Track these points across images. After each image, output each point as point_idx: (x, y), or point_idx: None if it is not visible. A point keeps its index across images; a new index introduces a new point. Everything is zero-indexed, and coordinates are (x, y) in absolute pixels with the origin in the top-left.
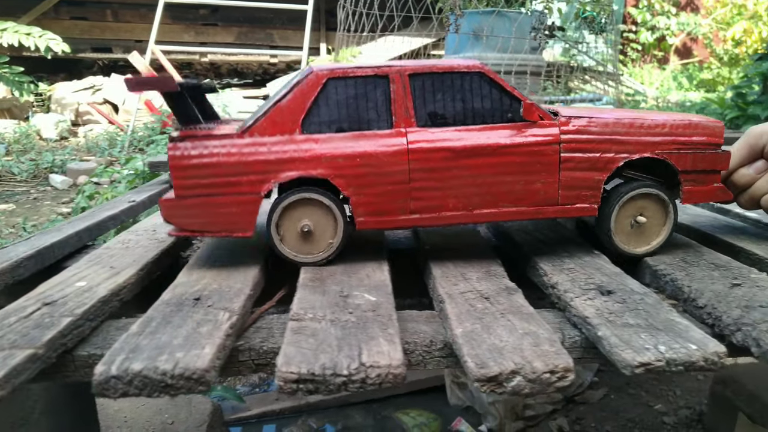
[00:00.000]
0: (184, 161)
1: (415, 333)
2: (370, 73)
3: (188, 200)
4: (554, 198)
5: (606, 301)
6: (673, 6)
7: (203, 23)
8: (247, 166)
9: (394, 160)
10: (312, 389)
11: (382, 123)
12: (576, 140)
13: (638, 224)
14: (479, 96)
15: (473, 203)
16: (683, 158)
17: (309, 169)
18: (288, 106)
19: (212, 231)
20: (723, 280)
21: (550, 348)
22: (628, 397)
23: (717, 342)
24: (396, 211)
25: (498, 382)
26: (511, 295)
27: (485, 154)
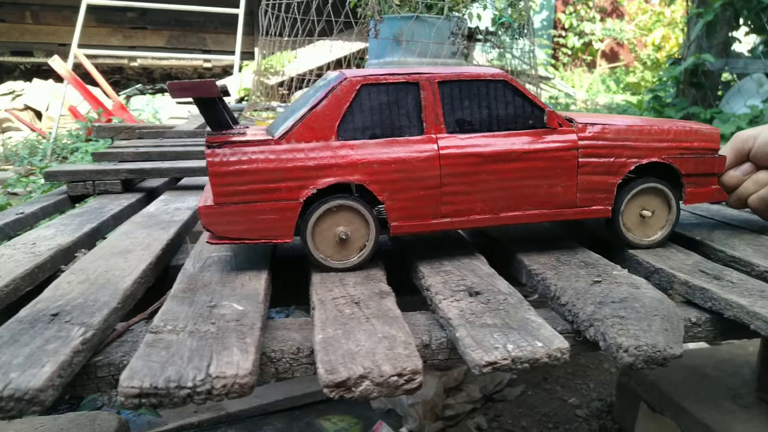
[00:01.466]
0: (223, 168)
1: (284, 341)
2: (402, 80)
3: (228, 207)
4: (573, 200)
5: (471, 302)
6: (599, 12)
7: (131, 26)
8: (286, 173)
9: (427, 165)
10: (155, 403)
11: (413, 129)
12: (592, 146)
13: (644, 217)
14: (503, 103)
15: (499, 206)
16: (686, 162)
17: (346, 175)
18: (323, 113)
19: (252, 238)
20: (587, 277)
21: (403, 351)
22: (544, 393)
23: (562, 339)
24: (428, 215)
25: (347, 387)
26: (382, 299)
27: (511, 160)
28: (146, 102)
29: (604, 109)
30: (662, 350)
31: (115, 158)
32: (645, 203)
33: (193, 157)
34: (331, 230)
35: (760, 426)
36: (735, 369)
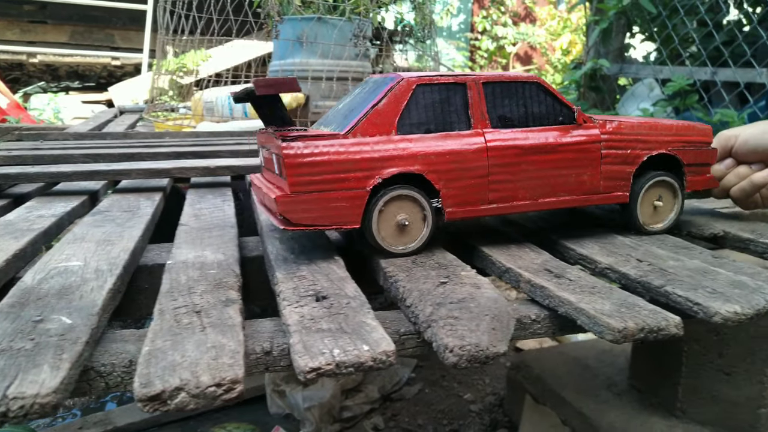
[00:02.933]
0: (298, 159)
1: (116, 354)
2: (452, 81)
3: (303, 196)
4: (598, 188)
5: (314, 307)
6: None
7: (30, 20)
8: (354, 164)
9: (477, 156)
10: None
11: (462, 125)
12: (612, 139)
13: (655, 207)
14: (537, 102)
15: (538, 193)
16: (687, 154)
17: (407, 165)
18: (384, 110)
19: (324, 224)
20: (435, 279)
21: (227, 361)
22: (442, 390)
23: (389, 341)
24: (477, 201)
25: (161, 400)
26: (226, 307)
27: (546, 151)
28: (48, 101)
29: None
30: (485, 349)
31: None
32: (656, 193)
33: (72, 161)
34: (393, 218)
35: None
36: (613, 359)
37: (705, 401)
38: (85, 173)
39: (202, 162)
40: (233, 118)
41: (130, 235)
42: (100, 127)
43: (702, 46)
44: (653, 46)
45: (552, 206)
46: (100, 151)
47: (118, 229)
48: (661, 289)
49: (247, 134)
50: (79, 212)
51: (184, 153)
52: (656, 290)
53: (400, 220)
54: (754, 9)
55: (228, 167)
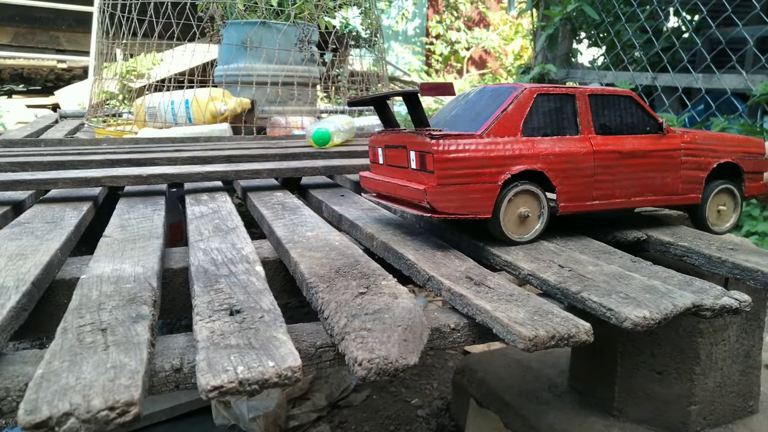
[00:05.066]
0: (445, 155)
1: (11, 377)
2: (564, 92)
3: (447, 187)
4: (677, 189)
5: (226, 322)
6: (467, 22)
7: None
8: (489, 161)
9: (586, 158)
10: None
11: (572, 130)
12: (690, 148)
13: (719, 212)
14: (630, 113)
15: (630, 192)
16: (747, 162)
17: (531, 163)
18: (512, 115)
19: (464, 213)
20: (355, 289)
21: (125, 382)
22: (389, 396)
23: (296, 356)
24: (584, 198)
25: (49, 426)
26: (135, 323)
27: (638, 156)
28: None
29: None
30: (393, 361)
31: None
32: (721, 199)
33: None
34: (516, 210)
35: (570, 412)
36: (554, 360)
37: (640, 400)
38: (6, 183)
39: (135, 170)
40: (176, 123)
41: (47, 248)
42: (39, 133)
43: (643, 52)
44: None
45: (642, 204)
46: (30, 159)
47: (36, 241)
48: (578, 295)
49: (189, 140)
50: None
51: (119, 160)
52: (573, 296)
53: (523, 212)
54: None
55: (162, 175)
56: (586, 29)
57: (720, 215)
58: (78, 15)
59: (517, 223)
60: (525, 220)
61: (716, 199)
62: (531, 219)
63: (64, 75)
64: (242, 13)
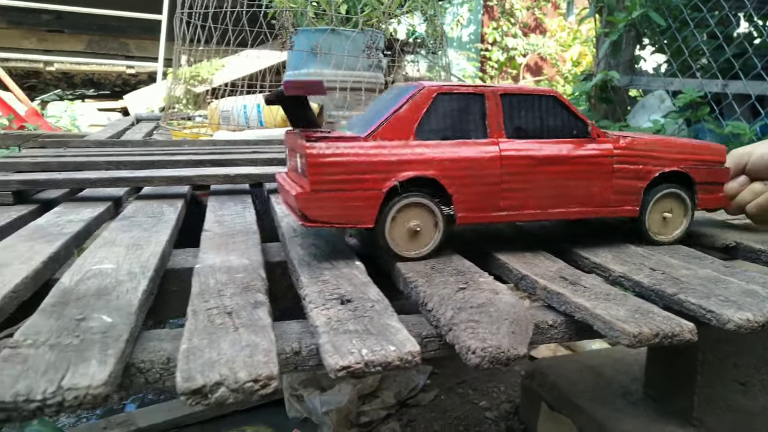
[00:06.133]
0: (320, 159)
1: (155, 351)
2: (471, 91)
3: (322, 194)
4: (608, 200)
5: (340, 310)
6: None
7: (47, 29)
8: (372, 166)
9: (490, 164)
10: (3, 417)
11: (479, 133)
12: (625, 154)
13: (665, 219)
14: (552, 115)
15: (548, 203)
16: (699, 172)
17: (422, 170)
18: (404, 116)
19: (340, 222)
20: (455, 284)
21: (262, 358)
22: (457, 397)
23: (414, 342)
24: (489, 208)
25: (202, 394)
26: (256, 309)
27: (558, 163)
28: (64, 108)
29: None
30: (506, 351)
31: (12, 168)
32: (666, 205)
33: (95, 168)
34: (406, 223)
35: (645, 420)
36: (627, 367)
37: (721, 411)
38: (109, 180)
39: (222, 170)
40: (249, 126)
41: (157, 240)
42: (119, 134)
43: (713, 59)
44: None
45: (561, 216)
46: (122, 158)
47: (146, 234)
48: (674, 296)
49: (263, 143)
50: (105, 217)
51: (202, 161)
52: (669, 298)
53: (413, 226)
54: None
55: (246, 175)
56: (650, 35)
57: (666, 223)
58: (147, 23)
59: (407, 236)
60: (417, 234)
61: (659, 205)
62: (424, 233)
63: (131, 80)
64: (312, 20)
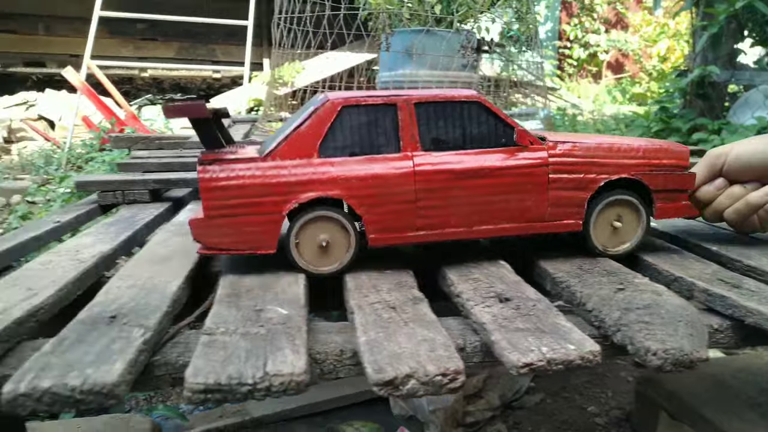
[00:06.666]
0: (212, 183)
1: (327, 343)
2: (381, 102)
3: (216, 220)
4: (543, 215)
5: (502, 308)
6: (604, 24)
7: (142, 38)
8: (270, 188)
9: (402, 181)
10: (220, 398)
11: (391, 147)
12: (562, 163)
13: (615, 228)
14: (476, 123)
15: (473, 220)
16: (655, 178)
17: (326, 190)
18: (306, 132)
19: (239, 249)
20: (610, 285)
21: (444, 353)
22: (563, 401)
23: (593, 342)
24: (404, 228)
25: (394, 385)
26: (417, 304)
27: (482, 176)
28: (157, 112)
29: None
30: (689, 354)
31: (140, 168)
32: (616, 214)
33: None
34: (315, 239)
35: None
36: (752, 377)
37: None
38: None
39: None
40: None
41: None
42: None
43: None
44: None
45: (489, 234)
46: None
47: None
48: None
49: None
50: None
51: None
52: None
53: (321, 241)
54: None
55: None
56: (753, 27)
57: (616, 233)
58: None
59: (315, 253)
60: (327, 249)
61: (606, 214)
62: (335, 248)
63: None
64: (407, 21)
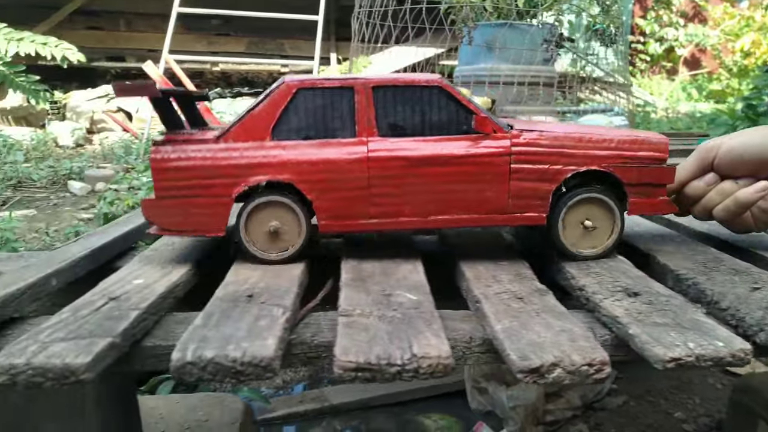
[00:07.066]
0: (163, 164)
1: (454, 330)
2: (337, 85)
3: (167, 201)
4: (504, 206)
5: (633, 302)
6: (681, 17)
7: (215, 33)
8: (220, 170)
9: (355, 167)
10: (369, 377)
11: (347, 132)
12: (526, 152)
13: (586, 228)
14: (437, 108)
15: (428, 210)
16: (629, 171)
17: (276, 174)
18: (260, 114)
19: (187, 231)
20: (743, 284)
21: (585, 344)
22: (647, 405)
23: (742, 340)
24: (356, 215)
25: (540, 373)
26: (543, 296)
27: (439, 164)
28: (227, 104)
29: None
30: None
31: None
32: (588, 213)
33: None
34: (263, 225)
35: None
36: None
37: None
38: None
39: None
40: None
41: None
42: None
43: None
44: None
45: (445, 224)
46: None
47: None
48: None
49: None
50: None
51: None
52: None
53: (270, 227)
54: None
55: None
56: None
57: (588, 234)
58: (302, 24)
59: (266, 239)
60: (278, 235)
61: (575, 213)
62: (287, 234)
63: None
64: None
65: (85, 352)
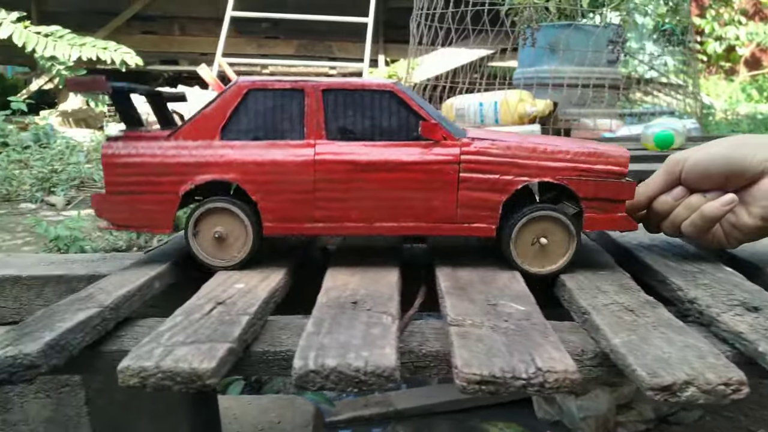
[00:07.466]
0: (113, 159)
1: (564, 342)
2: (288, 87)
3: (116, 196)
4: (452, 216)
5: (756, 318)
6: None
7: (265, 36)
8: (168, 168)
9: (301, 169)
10: (492, 390)
11: (295, 134)
12: (475, 161)
13: (541, 245)
14: (388, 114)
15: (374, 216)
16: (584, 185)
17: (222, 173)
18: (211, 114)
19: (135, 226)
20: None
21: (716, 361)
22: (725, 420)
23: None
24: (301, 218)
25: (672, 391)
26: (655, 308)
27: (386, 170)
28: None
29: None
30: None
31: None
32: (543, 230)
33: None
34: (210, 230)
35: None
36: None
37: None
38: None
39: None
40: (484, 125)
41: None
42: None
43: None
44: None
45: (391, 232)
46: None
47: None
48: None
49: None
50: None
51: None
52: None
53: (215, 233)
54: None
55: None
56: None
57: (542, 251)
58: (351, 26)
59: (213, 245)
60: (224, 242)
61: (530, 229)
62: (233, 240)
63: None
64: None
65: (209, 357)
